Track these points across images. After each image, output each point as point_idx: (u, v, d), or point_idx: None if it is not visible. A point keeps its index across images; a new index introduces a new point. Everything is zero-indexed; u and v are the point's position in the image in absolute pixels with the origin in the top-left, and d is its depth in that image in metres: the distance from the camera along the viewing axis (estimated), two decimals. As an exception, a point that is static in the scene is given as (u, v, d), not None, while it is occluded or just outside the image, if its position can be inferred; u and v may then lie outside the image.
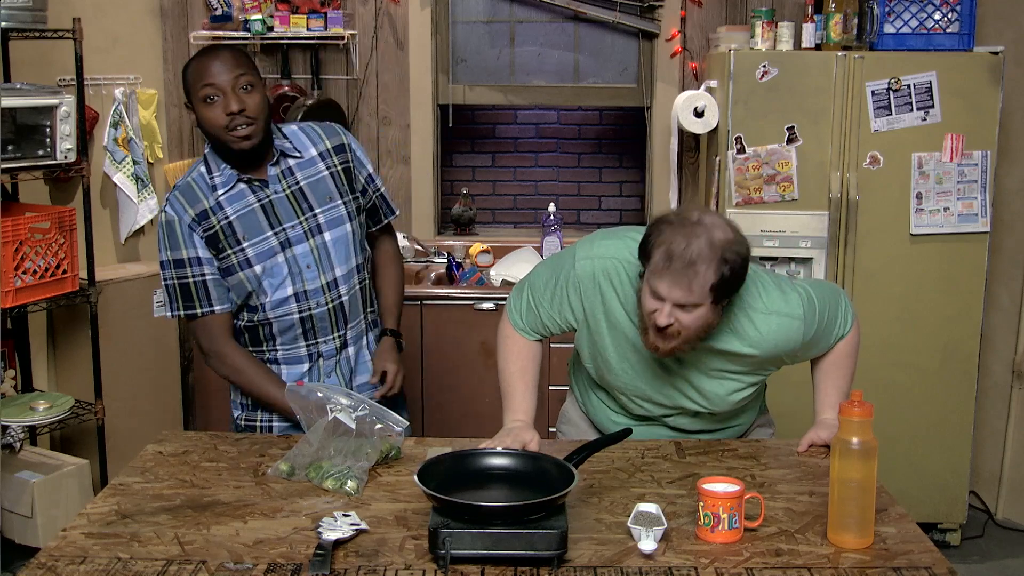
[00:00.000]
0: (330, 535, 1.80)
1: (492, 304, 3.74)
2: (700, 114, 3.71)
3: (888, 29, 3.54)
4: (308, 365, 2.46)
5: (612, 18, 4.17)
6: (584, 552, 1.79)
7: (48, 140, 3.28)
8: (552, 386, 3.72)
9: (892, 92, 3.51)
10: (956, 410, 3.70)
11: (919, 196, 3.56)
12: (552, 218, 4.11)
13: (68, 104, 3.29)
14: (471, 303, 3.79)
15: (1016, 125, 3.91)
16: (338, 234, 2.40)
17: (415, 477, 1.80)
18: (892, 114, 3.52)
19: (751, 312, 2.09)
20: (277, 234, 2.36)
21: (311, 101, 4.04)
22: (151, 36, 4.17)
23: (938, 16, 3.54)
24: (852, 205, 3.54)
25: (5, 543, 3.36)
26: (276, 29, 4.03)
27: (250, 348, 2.47)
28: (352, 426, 2.13)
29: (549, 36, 4.38)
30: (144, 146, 4.07)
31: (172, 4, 4.17)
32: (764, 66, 3.52)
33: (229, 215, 2.34)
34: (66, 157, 3.31)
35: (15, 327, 3.66)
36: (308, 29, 4.03)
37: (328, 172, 2.42)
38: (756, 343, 2.10)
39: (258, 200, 2.35)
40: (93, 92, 3.85)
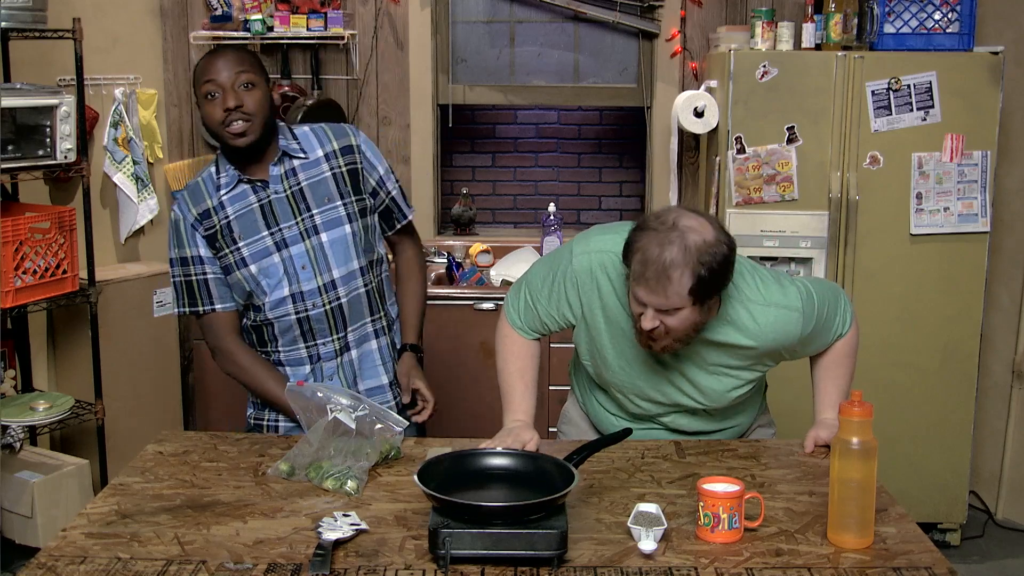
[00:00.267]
0: (330, 535, 1.80)
1: (492, 304, 3.74)
2: (700, 114, 3.71)
3: (888, 29, 3.54)
4: (310, 367, 2.45)
5: (612, 18, 4.17)
6: (584, 552, 1.79)
7: (48, 140, 3.28)
8: (552, 386, 3.73)
9: (892, 92, 3.51)
10: (956, 410, 3.70)
11: (919, 196, 3.56)
12: (552, 218, 4.11)
13: (68, 104, 3.29)
14: (471, 303, 3.79)
15: (1016, 125, 3.91)
16: (336, 235, 2.39)
17: (415, 477, 1.80)
18: (892, 114, 3.52)
19: (749, 304, 2.09)
20: (273, 234, 2.36)
21: (311, 101, 4.04)
22: (151, 36, 4.17)
23: (938, 16, 3.54)
24: (852, 205, 3.54)
25: (5, 543, 3.36)
26: (276, 29, 4.03)
27: (257, 349, 2.48)
28: (352, 426, 2.13)
29: (549, 36, 4.38)
30: (144, 146, 4.07)
31: (172, 4, 4.17)
32: (764, 66, 3.52)
33: (229, 215, 2.36)
34: (66, 157, 3.31)
35: (15, 327, 3.66)
36: (308, 29, 4.03)
37: (331, 173, 2.41)
38: (755, 335, 2.10)
39: (258, 200, 2.36)
40: (93, 92, 3.85)
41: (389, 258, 2.60)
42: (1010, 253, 4.00)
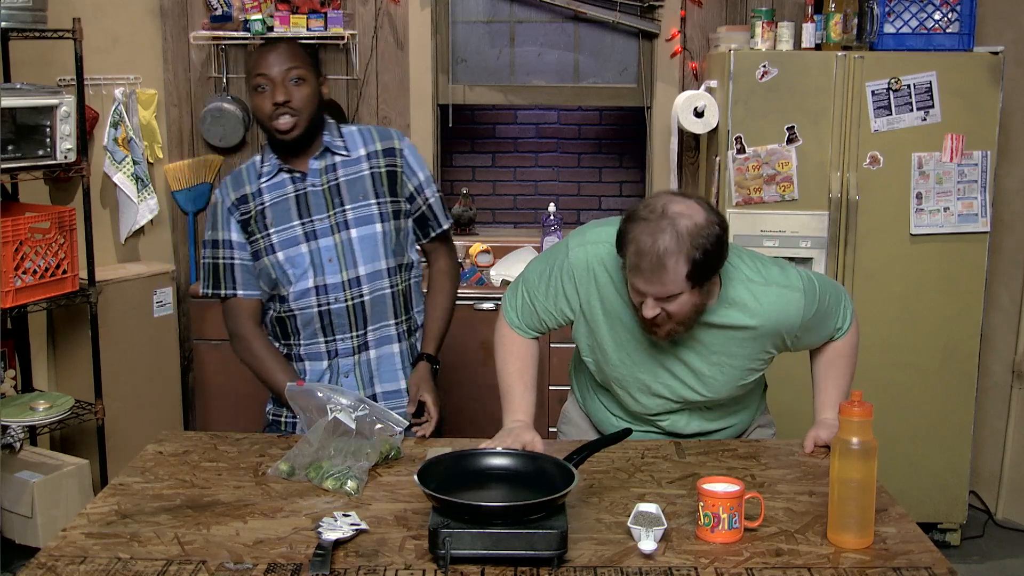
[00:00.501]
0: (330, 535, 1.80)
1: (492, 304, 3.74)
2: (700, 114, 3.71)
3: (888, 29, 3.54)
4: (327, 361, 2.47)
5: (612, 18, 4.17)
6: (584, 552, 1.79)
7: (48, 140, 3.28)
8: (552, 386, 3.73)
9: (892, 92, 3.51)
10: (956, 410, 3.70)
11: (919, 196, 3.56)
12: (552, 218, 4.11)
13: (68, 104, 3.29)
14: (471, 303, 3.79)
15: (1016, 125, 3.91)
16: (365, 232, 2.41)
17: (415, 477, 1.80)
18: (892, 114, 3.52)
19: (750, 285, 2.10)
20: (304, 224, 2.40)
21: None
22: (151, 36, 4.17)
23: (938, 16, 3.54)
24: (852, 205, 3.54)
25: (5, 543, 3.36)
26: (276, 29, 4.02)
27: (281, 342, 2.50)
28: (352, 426, 2.13)
29: (549, 36, 4.38)
30: (144, 146, 4.07)
31: (172, 4, 4.18)
32: (764, 66, 3.52)
33: (265, 201, 2.42)
34: (66, 157, 3.31)
35: (15, 327, 3.66)
36: (308, 29, 4.03)
37: (369, 172, 2.44)
38: (756, 313, 2.09)
39: (295, 190, 2.42)
40: (93, 92, 3.85)
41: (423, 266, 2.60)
42: (1010, 253, 4.00)
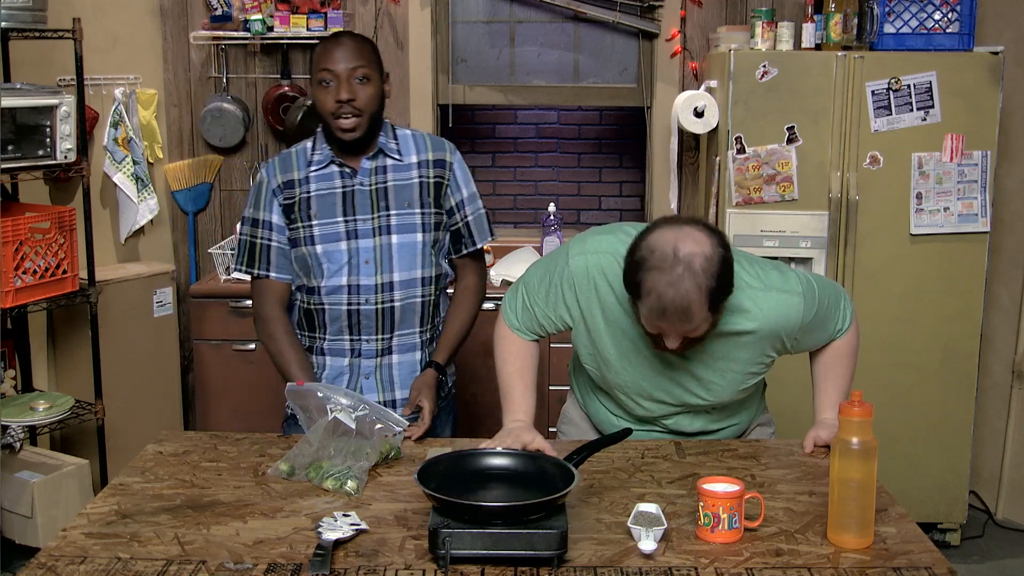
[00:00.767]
0: (330, 535, 1.80)
1: (492, 304, 3.74)
2: (700, 114, 3.71)
3: (888, 29, 3.54)
4: (348, 360, 2.48)
5: (612, 18, 4.17)
6: (584, 552, 1.79)
7: (48, 140, 3.28)
8: (552, 386, 3.73)
9: (892, 92, 3.51)
10: (956, 410, 3.70)
11: (919, 196, 3.56)
12: (552, 218, 4.11)
13: (68, 104, 3.29)
14: (471, 303, 3.78)
15: (1016, 125, 3.91)
16: (405, 240, 2.43)
17: (415, 477, 1.80)
18: (892, 114, 3.52)
19: (749, 290, 2.10)
20: (347, 222, 2.41)
21: (311, 101, 4.03)
22: (151, 36, 4.17)
23: (938, 16, 3.54)
24: (852, 205, 3.54)
25: (5, 543, 3.36)
26: (276, 29, 4.03)
27: (306, 333, 2.51)
28: (352, 426, 2.13)
29: (549, 36, 4.38)
30: (144, 146, 4.07)
31: (172, 4, 4.17)
32: (764, 66, 3.52)
33: (311, 191, 2.42)
34: (66, 157, 3.31)
35: (15, 327, 3.66)
36: (308, 29, 4.03)
37: (418, 180, 2.45)
38: (756, 318, 2.09)
39: (342, 186, 2.42)
40: (93, 92, 3.85)
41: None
42: (1010, 253, 4.00)
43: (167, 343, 4.07)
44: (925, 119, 3.53)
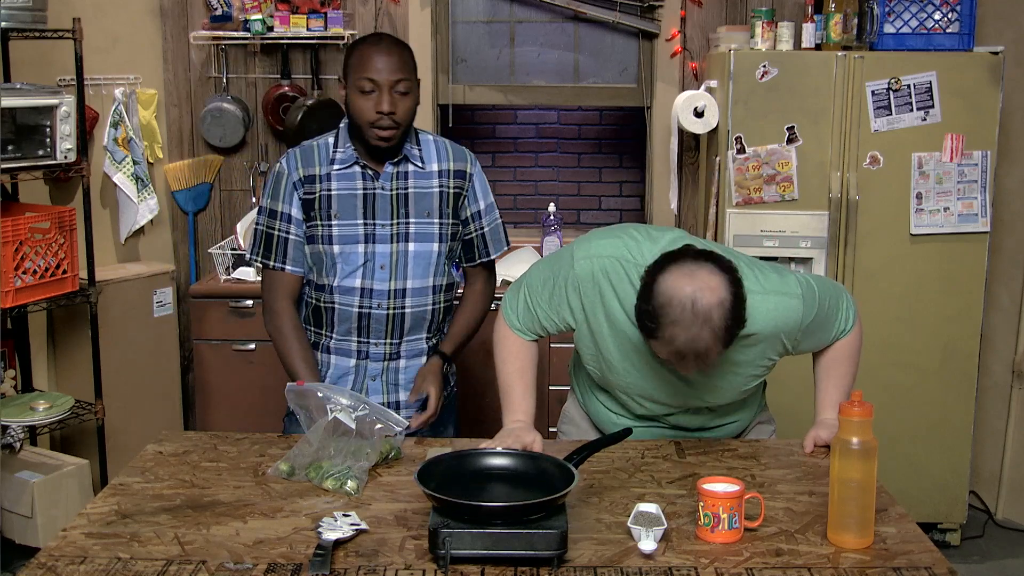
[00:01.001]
0: (330, 535, 1.80)
1: (492, 304, 3.74)
2: (700, 114, 3.71)
3: (888, 29, 3.54)
4: (355, 361, 2.48)
5: (612, 18, 4.16)
6: (584, 552, 1.79)
7: (48, 140, 3.28)
8: (552, 386, 3.73)
9: (892, 92, 3.51)
10: (956, 410, 3.70)
11: (919, 196, 3.56)
12: (552, 218, 4.11)
13: (68, 104, 3.29)
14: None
15: (1016, 125, 3.91)
16: (422, 249, 2.43)
17: (415, 477, 1.80)
18: (892, 114, 3.52)
19: (749, 295, 2.09)
20: (366, 225, 2.40)
21: (311, 101, 4.04)
22: (151, 36, 4.17)
23: (938, 16, 3.54)
24: (852, 205, 3.54)
25: (5, 543, 3.36)
26: (276, 29, 4.03)
27: (312, 329, 2.50)
28: (352, 426, 2.13)
29: (549, 36, 4.38)
30: (144, 146, 4.07)
31: (172, 4, 4.17)
32: (764, 66, 3.52)
33: (332, 189, 2.40)
34: (66, 157, 3.31)
35: (15, 327, 3.66)
36: (308, 29, 4.03)
37: (439, 190, 2.45)
38: (755, 321, 2.09)
39: (364, 188, 2.41)
40: (93, 92, 3.85)
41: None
42: (1010, 253, 4.00)
43: (167, 343, 4.06)
44: (925, 119, 3.53)
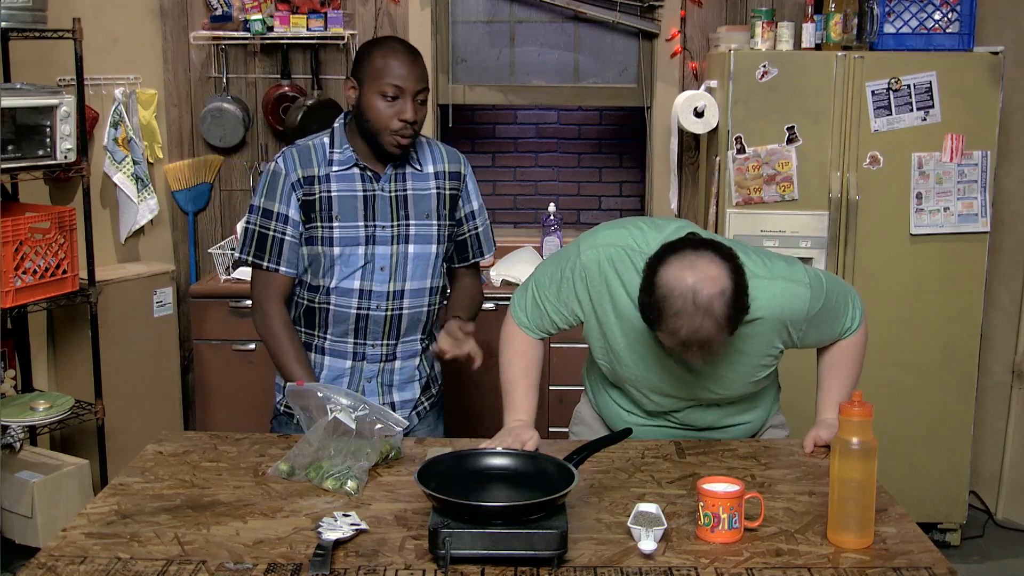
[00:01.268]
0: (330, 535, 1.80)
1: (492, 304, 3.74)
2: (700, 114, 3.71)
3: (888, 29, 3.54)
4: (351, 363, 2.48)
5: (612, 18, 4.16)
6: (584, 552, 1.79)
7: (48, 140, 3.28)
8: (552, 386, 3.73)
9: (892, 92, 3.51)
10: (956, 410, 3.70)
11: (919, 196, 3.56)
12: (552, 218, 4.11)
13: (68, 104, 3.29)
14: (471, 303, 3.78)
15: (1016, 125, 3.91)
16: (421, 251, 2.44)
17: (415, 477, 1.80)
18: (892, 114, 3.52)
19: (755, 279, 2.09)
20: (367, 227, 2.40)
21: (311, 101, 4.04)
22: (151, 36, 4.17)
23: (938, 16, 3.54)
24: (852, 205, 3.54)
25: (5, 543, 3.36)
26: (276, 29, 4.03)
27: (304, 330, 2.49)
28: (352, 426, 2.13)
29: (549, 36, 4.38)
30: (144, 146, 4.08)
31: (172, 4, 4.17)
32: (764, 66, 3.52)
33: (332, 191, 2.39)
34: (66, 157, 3.31)
35: (15, 327, 3.66)
36: (308, 29, 4.03)
37: (436, 192, 2.47)
38: (761, 306, 2.08)
39: (363, 190, 2.40)
40: (93, 92, 3.85)
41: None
42: (1010, 253, 4.00)
43: (167, 343, 4.06)
44: (925, 119, 3.53)
